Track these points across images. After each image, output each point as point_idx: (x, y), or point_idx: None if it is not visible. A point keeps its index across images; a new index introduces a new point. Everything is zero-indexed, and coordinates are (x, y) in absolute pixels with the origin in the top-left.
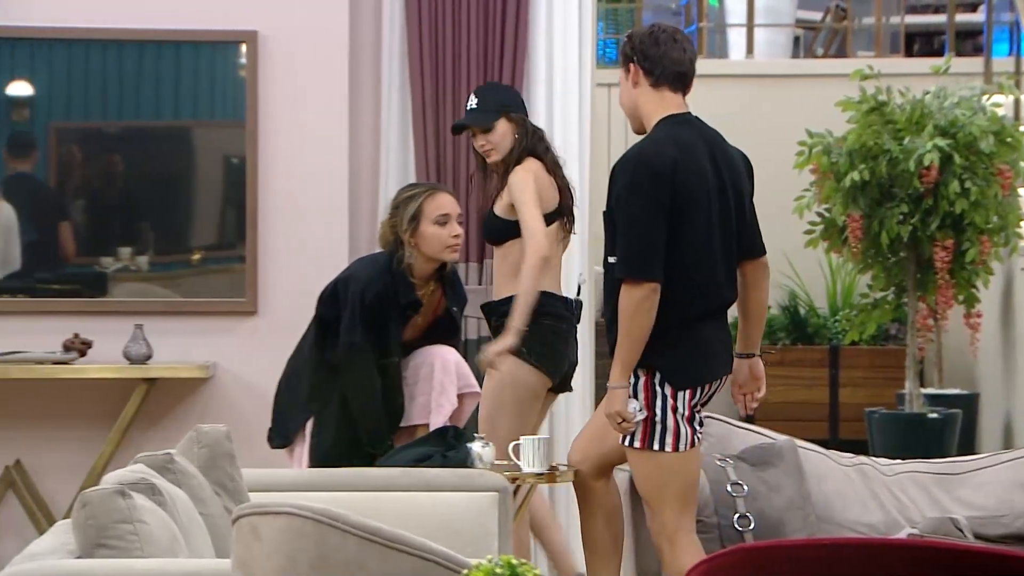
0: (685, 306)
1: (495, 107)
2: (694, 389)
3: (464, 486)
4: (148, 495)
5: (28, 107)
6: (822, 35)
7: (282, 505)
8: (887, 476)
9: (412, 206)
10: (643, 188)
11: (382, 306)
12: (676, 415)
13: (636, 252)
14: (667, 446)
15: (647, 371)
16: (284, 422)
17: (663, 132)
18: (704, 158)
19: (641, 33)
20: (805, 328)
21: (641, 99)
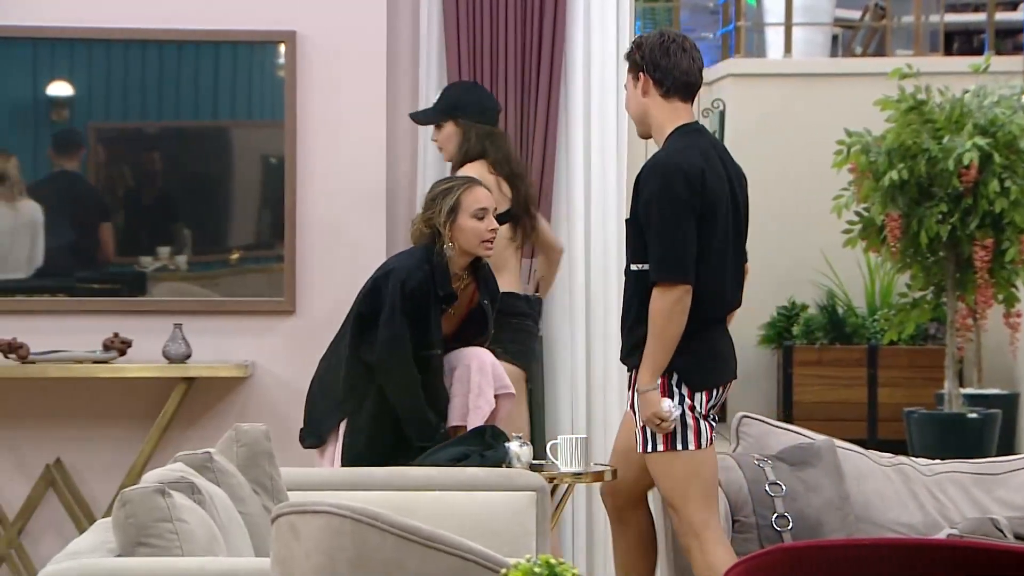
0: (703, 310)
1: (445, 108)
2: (710, 391)
3: (502, 485)
4: (188, 494)
5: (68, 107)
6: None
7: (321, 504)
8: (926, 476)
9: (450, 199)
10: (675, 192)
11: (423, 296)
12: (695, 414)
13: (671, 255)
14: (690, 444)
15: (665, 373)
16: (318, 422)
17: (684, 141)
18: (720, 166)
19: (651, 42)
20: (843, 328)
21: (652, 109)
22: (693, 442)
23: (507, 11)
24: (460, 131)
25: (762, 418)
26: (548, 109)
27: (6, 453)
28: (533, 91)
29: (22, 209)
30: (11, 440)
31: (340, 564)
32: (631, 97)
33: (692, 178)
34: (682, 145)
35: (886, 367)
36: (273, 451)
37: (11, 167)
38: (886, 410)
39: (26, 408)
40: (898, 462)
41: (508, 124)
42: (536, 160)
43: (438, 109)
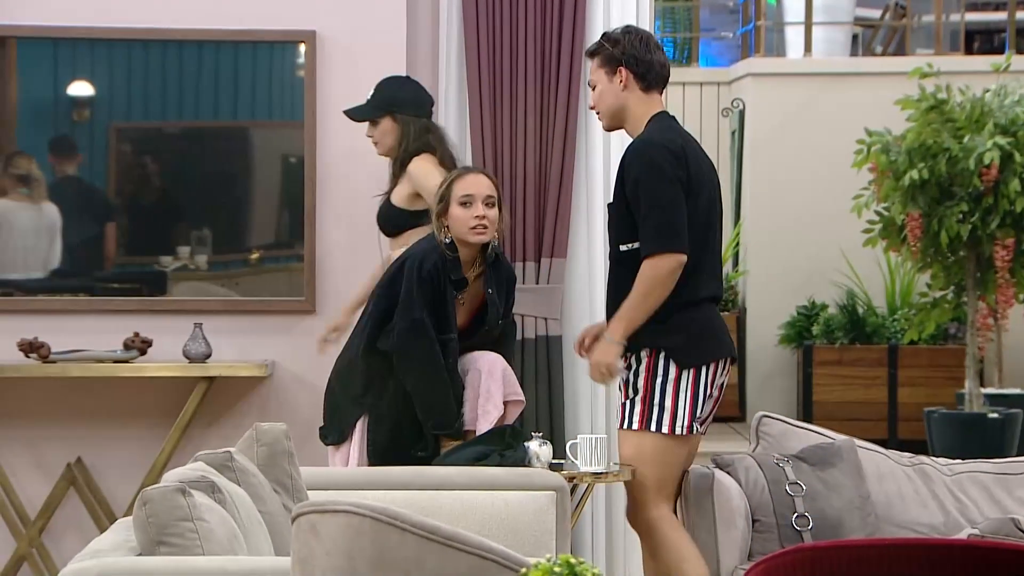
0: (695, 288)
1: (382, 104)
2: (698, 368)
3: (522, 485)
4: (208, 493)
5: (89, 107)
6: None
7: (341, 503)
8: (947, 476)
9: (442, 188)
10: (663, 168)
11: (438, 279)
12: (677, 397)
13: (665, 226)
14: (664, 427)
15: (651, 351)
16: (339, 418)
17: (664, 124)
18: (700, 151)
19: (629, 38)
20: (863, 327)
21: (631, 102)
22: (667, 425)
23: (527, 9)
24: (398, 126)
25: (782, 418)
26: (568, 107)
27: (27, 452)
28: (553, 89)
29: (46, 210)
30: (32, 439)
31: (360, 563)
32: (606, 91)
33: (676, 155)
34: (661, 127)
35: (906, 367)
36: (293, 450)
37: (35, 168)
38: (906, 410)
39: (47, 407)
40: (919, 462)
41: (528, 122)
42: (556, 158)
43: (374, 104)
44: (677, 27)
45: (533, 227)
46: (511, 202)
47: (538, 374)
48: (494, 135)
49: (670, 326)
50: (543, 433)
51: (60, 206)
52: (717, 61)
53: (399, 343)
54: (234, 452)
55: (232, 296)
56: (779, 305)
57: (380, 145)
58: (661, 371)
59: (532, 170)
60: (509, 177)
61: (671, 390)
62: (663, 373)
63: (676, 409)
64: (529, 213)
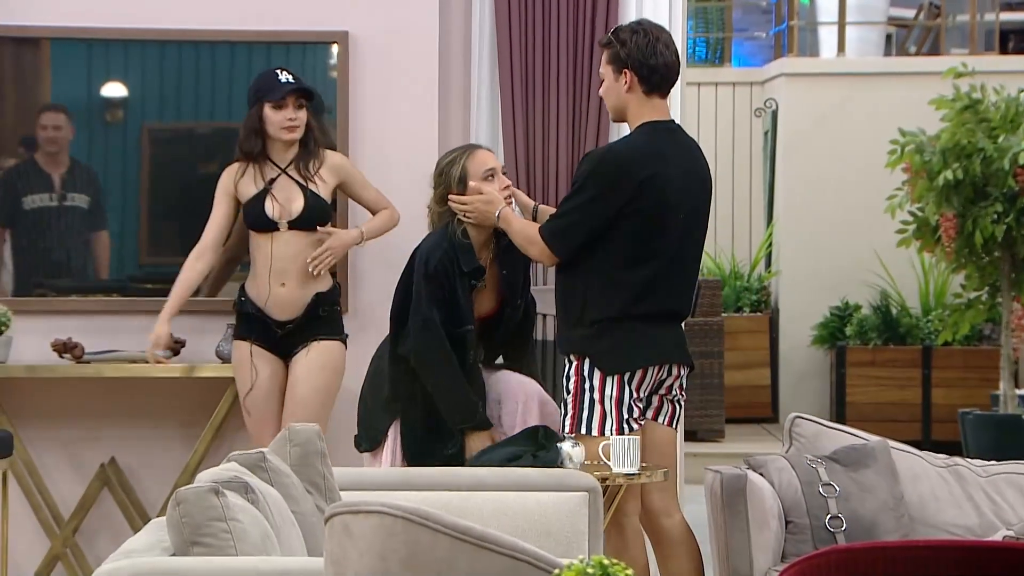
0: (630, 304)
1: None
2: (622, 375)
3: (554, 486)
4: (241, 493)
5: (122, 108)
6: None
7: (374, 504)
8: (982, 477)
9: (456, 169)
10: (597, 182)
11: (447, 274)
12: (604, 402)
13: (563, 226)
14: (593, 430)
15: (579, 357)
16: (371, 425)
17: (645, 138)
18: (677, 171)
19: (637, 40)
20: (897, 328)
21: (632, 103)
22: (596, 429)
23: (559, 9)
24: (311, 116)
25: (815, 419)
26: (601, 105)
27: (61, 453)
28: (585, 88)
29: (79, 209)
30: (66, 440)
31: (393, 564)
32: (610, 90)
33: (626, 176)
34: (640, 142)
35: (940, 368)
36: (326, 451)
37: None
38: (941, 411)
39: (81, 408)
40: (953, 463)
41: (560, 120)
42: None
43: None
44: (710, 27)
45: None
46: (544, 199)
47: None
48: (526, 133)
49: (596, 333)
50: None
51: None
52: (750, 61)
53: (413, 344)
54: (267, 452)
55: None
56: (812, 306)
57: (300, 129)
58: (587, 375)
59: (565, 168)
60: (542, 175)
61: (597, 395)
62: (589, 378)
63: (604, 413)
64: None
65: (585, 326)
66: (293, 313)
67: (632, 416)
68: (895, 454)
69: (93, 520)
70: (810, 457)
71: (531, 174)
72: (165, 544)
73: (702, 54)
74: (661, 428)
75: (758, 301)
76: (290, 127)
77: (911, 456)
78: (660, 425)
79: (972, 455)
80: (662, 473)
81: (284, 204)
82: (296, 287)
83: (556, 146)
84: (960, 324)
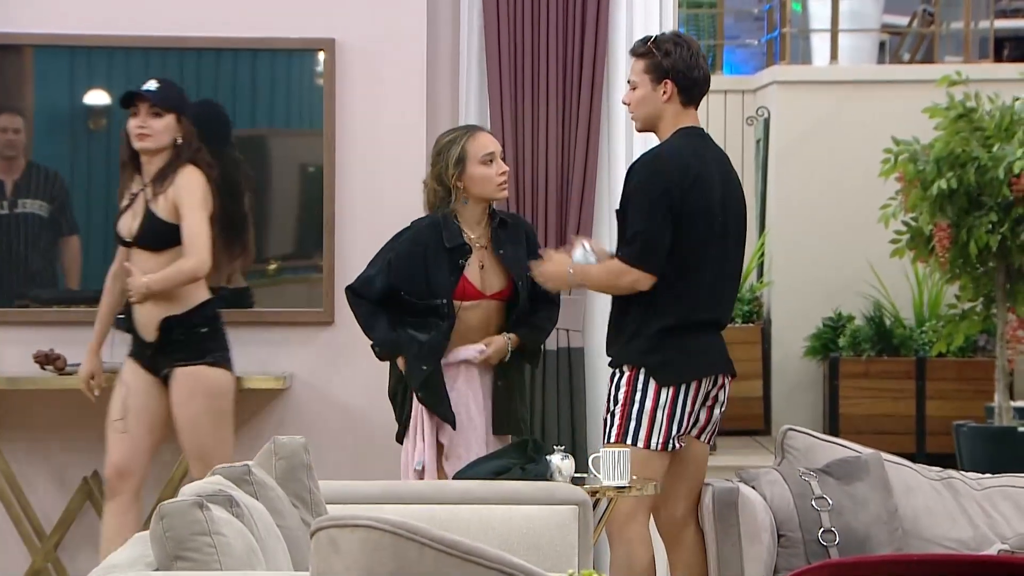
0: (685, 312)
1: (173, 101)
2: (677, 387)
3: (543, 499)
4: (226, 507)
5: (106, 116)
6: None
7: (360, 518)
8: (976, 491)
9: (455, 149)
10: (657, 187)
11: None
12: (655, 413)
13: (649, 244)
14: (639, 442)
15: (632, 367)
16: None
17: (684, 141)
18: (717, 175)
19: (680, 52)
20: (891, 339)
21: (669, 113)
22: (643, 440)
23: (548, 17)
24: (181, 128)
25: (808, 431)
26: (590, 117)
27: (44, 465)
28: (575, 98)
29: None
30: (49, 452)
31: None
32: (646, 99)
33: (679, 177)
34: (680, 144)
35: (935, 379)
36: (312, 464)
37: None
38: (935, 424)
39: (63, 420)
40: (947, 476)
41: (549, 132)
42: (578, 165)
43: (167, 96)
44: (701, 34)
45: (555, 234)
46: (532, 209)
47: (560, 387)
48: (515, 142)
49: (653, 345)
50: (565, 447)
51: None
52: (741, 69)
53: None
54: (252, 466)
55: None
56: (805, 317)
57: (153, 139)
58: (640, 387)
59: (554, 177)
60: (531, 183)
61: (649, 406)
62: (642, 389)
63: (652, 425)
64: (551, 220)
65: (643, 338)
66: (150, 334)
67: (679, 433)
68: (888, 467)
69: (75, 534)
70: (803, 470)
71: (520, 182)
72: (148, 559)
73: None
74: (697, 442)
75: (750, 311)
76: (139, 135)
77: (905, 469)
78: (696, 440)
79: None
80: (653, 486)
81: (131, 221)
82: (149, 307)
83: (545, 154)
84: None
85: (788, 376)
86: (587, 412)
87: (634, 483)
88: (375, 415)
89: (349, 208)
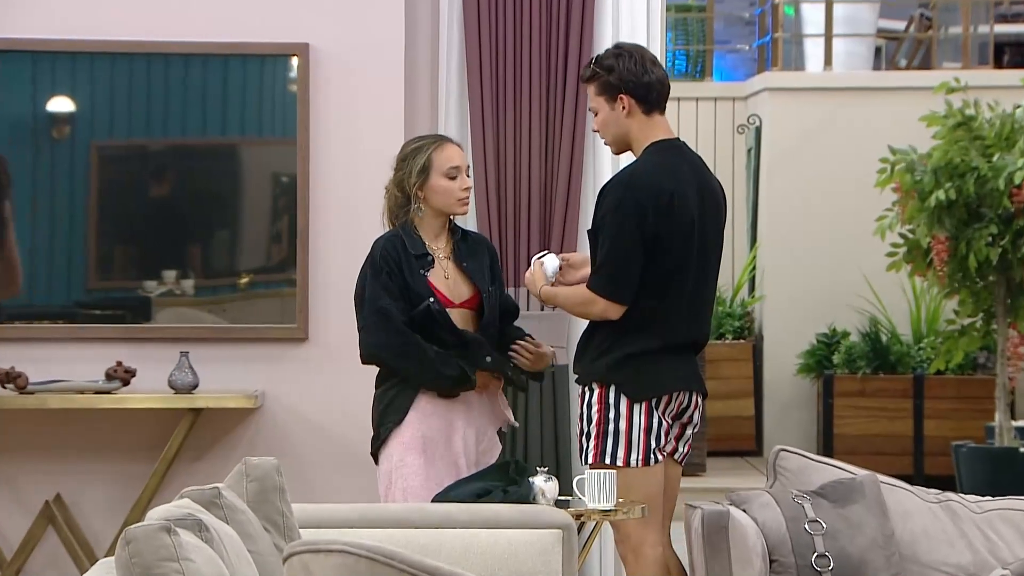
0: (661, 335)
1: None
2: (650, 401)
3: (526, 523)
4: (195, 531)
5: (69, 124)
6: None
7: (335, 543)
8: (976, 514)
9: (420, 158)
10: (630, 210)
11: (396, 258)
12: (631, 429)
13: (618, 276)
14: (618, 460)
15: (601, 385)
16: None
17: (657, 158)
18: (693, 190)
19: (624, 62)
20: (887, 356)
21: (634, 127)
22: (622, 458)
23: (532, 23)
24: None
25: (801, 452)
26: (575, 123)
27: (4, 489)
28: (559, 104)
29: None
30: (9, 475)
31: None
32: (608, 120)
33: (653, 199)
34: (653, 163)
35: (933, 398)
36: (285, 486)
37: None
38: (933, 444)
39: (24, 441)
40: (946, 499)
41: (533, 139)
42: (562, 176)
43: None
44: (690, 39)
45: (538, 250)
46: (515, 223)
47: (543, 405)
48: (497, 152)
49: (621, 362)
50: (549, 468)
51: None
52: (732, 75)
53: (376, 339)
54: (222, 488)
55: (220, 323)
56: (798, 333)
57: None
58: (612, 404)
59: (537, 189)
60: (513, 196)
61: (624, 426)
62: (615, 407)
63: (630, 442)
64: (534, 234)
65: (611, 356)
66: None
67: (659, 446)
68: (885, 489)
69: (37, 560)
70: (795, 492)
71: (502, 192)
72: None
73: (682, 68)
74: (671, 463)
75: (741, 328)
76: None
77: (902, 491)
78: (672, 460)
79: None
80: (640, 509)
81: None
82: None
83: (528, 163)
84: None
85: (780, 395)
86: (571, 432)
87: (620, 505)
88: (351, 434)
89: (323, 220)
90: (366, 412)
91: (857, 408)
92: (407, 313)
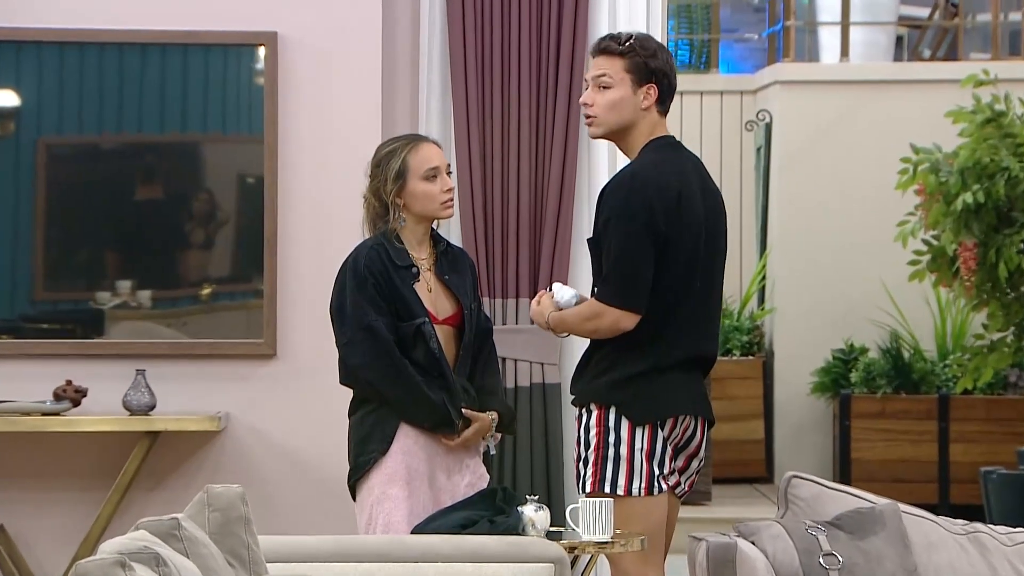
0: (661, 353)
1: None
2: (654, 424)
3: (515, 556)
4: (151, 566)
5: (14, 119)
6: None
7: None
8: (1007, 546)
9: (395, 162)
10: (636, 212)
11: (381, 270)
12: (633, 455)
13: (630, 281)
14: (619, 489)
15: (600, 406)
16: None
17: (658, 156)
18: (697, 189)
19: (664, 55)
20: (910, 374)
21: (645, 121)
22: (623, 486)
23: (520, 12)
24: None
25: (815, 479)
26: (567, 124)
27: None
28: (550, 103)
29: None
30: None
31: None
32: (623, 102)
33: (662, 198)
34: (655, 160)
35: (959, 420)
36: (251, 516)
37: None
38: (959, 470)
39: None
40: (974, 530)
41: (521, 137)
42: (553, 180)
43: None
44: (694, 28)
45: (528, 259)
46: (503, 231)
47: (534, 427)
48: (482, 152)
49: (622, 382)
50: (539, 496)
51: None
52: (740, 67)
53: (361, 358)
54: (182, 519)
55: (180, 338)
56: (812, 348)
57: None
58: (612, 427)
59: (526, 193)
60: (500, 201)
61: (625, 451)
62: (615, 430)
63: (632, 469)
64: (523, 243)
65: (612, 375)
66: None
67: (663, 474)
68: (907, 519)
69: None
70: (809, 523)
71: (488, 191)
72: None
73: (685, 59)
74: (671, 496)
75: (750, 343)
76: None
77: (925, 522)
78: (671, 494)
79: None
80: (639, 541)
81: None
82: None
83: (517, 159)
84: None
85: (793, 416)
86: (564, 457)
87: (617, 537)
88: (323, 460)
89: (293, 225)
90: (340, 435)
91: (877, 431)
92: (393, 330)
